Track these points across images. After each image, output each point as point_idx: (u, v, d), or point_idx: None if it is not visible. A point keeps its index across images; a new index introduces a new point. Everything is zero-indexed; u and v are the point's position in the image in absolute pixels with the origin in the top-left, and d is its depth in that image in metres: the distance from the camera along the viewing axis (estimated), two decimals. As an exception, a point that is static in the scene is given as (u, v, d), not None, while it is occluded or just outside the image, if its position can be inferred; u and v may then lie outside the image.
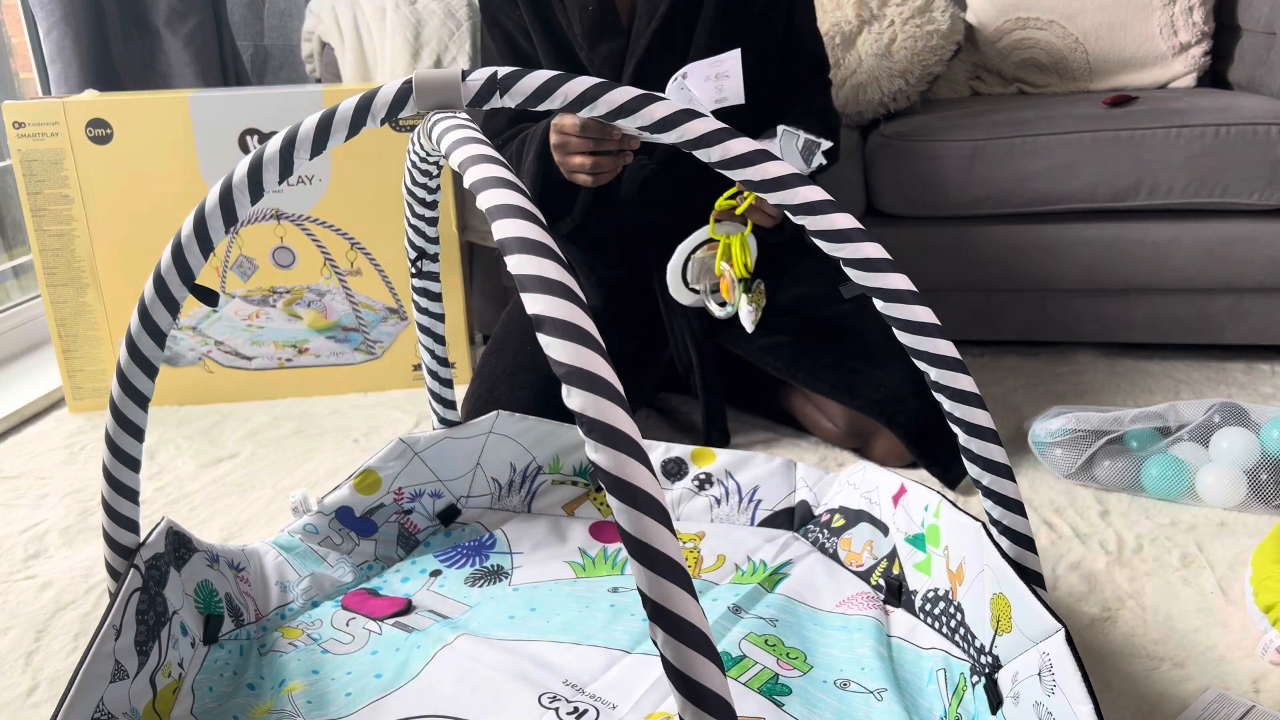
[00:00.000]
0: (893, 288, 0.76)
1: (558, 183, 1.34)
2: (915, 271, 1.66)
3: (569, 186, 1.35)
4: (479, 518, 1.22)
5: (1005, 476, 0.80)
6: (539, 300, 0.52)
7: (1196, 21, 1.97)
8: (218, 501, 1.39)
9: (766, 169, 0.76)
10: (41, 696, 0.99)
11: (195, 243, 0.74)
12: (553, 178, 1.33)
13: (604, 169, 1.26)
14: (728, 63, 1.16)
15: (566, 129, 1.24)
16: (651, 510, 0.48)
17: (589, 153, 1.24)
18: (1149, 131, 1.64)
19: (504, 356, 1.46)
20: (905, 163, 1.74)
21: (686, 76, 1.17)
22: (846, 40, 1.86)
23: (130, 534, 0.84)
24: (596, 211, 1.41)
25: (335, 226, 1.72)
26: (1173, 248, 1.68)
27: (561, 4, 1.39)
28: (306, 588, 1.06)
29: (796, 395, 1.50)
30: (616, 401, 0.50)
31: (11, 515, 1.37)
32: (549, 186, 1.35)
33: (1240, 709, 0.89)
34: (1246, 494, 1.25)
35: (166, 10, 2.01)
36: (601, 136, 1.23)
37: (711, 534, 1.18)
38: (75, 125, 1.62)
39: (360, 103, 0.73)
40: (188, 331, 1.74)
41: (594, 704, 0.87)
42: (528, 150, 1.35)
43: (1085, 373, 1.73)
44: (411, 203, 1.03)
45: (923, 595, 0.98)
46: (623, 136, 1.22)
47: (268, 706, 0.89)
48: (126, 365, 0.77)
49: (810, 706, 0.87)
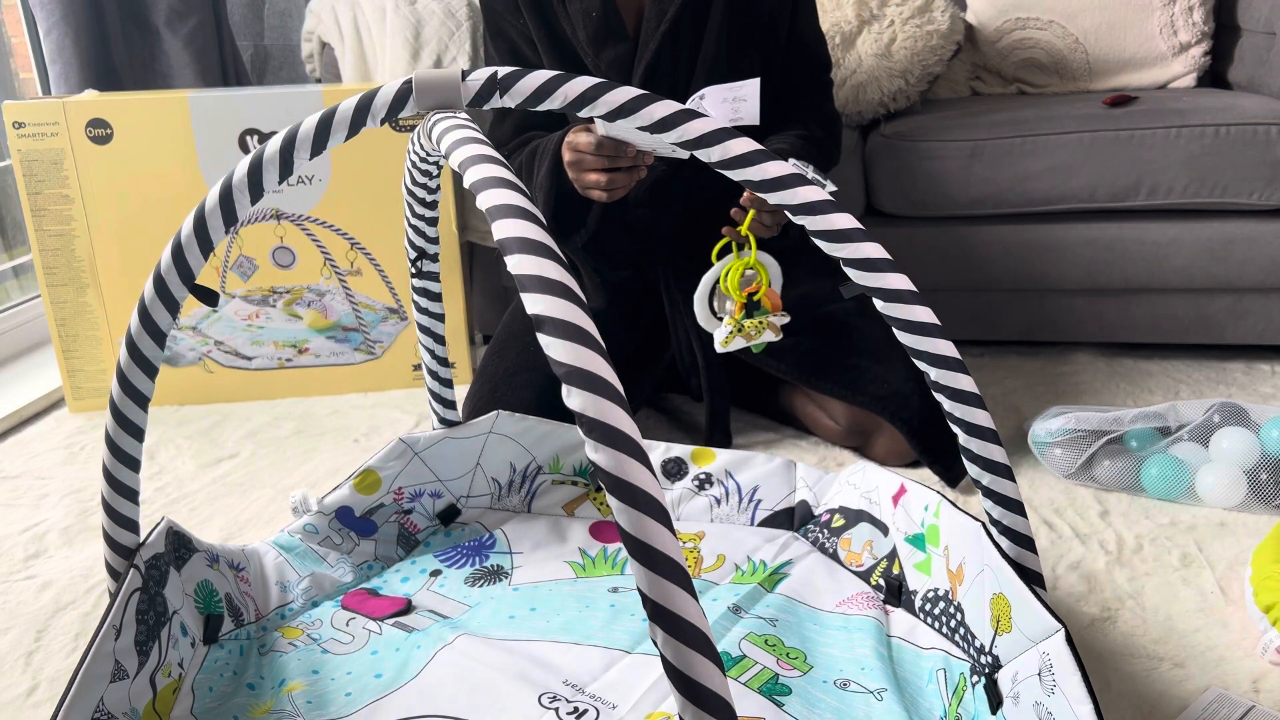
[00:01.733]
0: (893, 288, 0.76)
1: (571, 198, 1.34)
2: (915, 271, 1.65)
3: (582, 201, 1.36)
4: (479, 518, 1.22)
5: (1005, 476, 0.80)
6: (539, 300, 0.52)
7: (1196, 21, 1.97)
8: (218, 501, 1.39)
9: (766, 169, 0.76)
10: (41, 696, 0.99)
11: (195, 243, 0.74)
12: (566, 193, 1.33)
13: (619, 185, 1.26)
14: (747, 88, 1.19)
15: (581, 147, 1.24)
16: (651, 510, 0.48)
17: (604, 170, 1.24)
18: (1149, 131, 1.64)
19: (506, 357, 1.46)
20: (905, 163, 1.74)
21: (704, 98, 1.19)
22: (846, 40, 1.86)
23: (130, 534, 0.84)
24: (605, 216, 1.42)
25: (335, 226, 1.72)
26: (1173, 248, 1.68)
27: (565, 11, 1.39)
28: (306, 588, 1.06)
29: (797, 394, 1.50)
30: (616, 401, 0.50)
31: (11, 515, 1.37)
32: (562, 202, 1.35)
33: (1240, 709, 0.89)
34: (1246, 494, 1.25)
35: (166, 10, 2.01)
36: (616, 154, 1.23)
37: (711, 534, 1.18)
38: (75, 125, 1.62)
39: (360, 103, 0.73)
40: (188, 331, 1.74)
41: (594, 704, 0.87)
42: (539, 166, 1.35)
43: (1085, 373, 1.73)
44: (411, 203, 1.03)
45: (923, 595, 0.98)
46: (637, 153, 1.23)
47: (268, 706, 0.89)
48: (126, 365, 0.77)
49: (810, 706, 0.87)
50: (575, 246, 1.45)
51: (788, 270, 1.33)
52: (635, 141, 1.21)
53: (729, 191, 1.37)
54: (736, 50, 1.40)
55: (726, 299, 1.31)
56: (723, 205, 1.33)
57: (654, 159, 1.27)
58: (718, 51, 1.38)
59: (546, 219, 0.58)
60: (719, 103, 1.19)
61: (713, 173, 1.37)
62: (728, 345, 1.30)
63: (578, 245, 1.45)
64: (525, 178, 1.39)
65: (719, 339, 1.29)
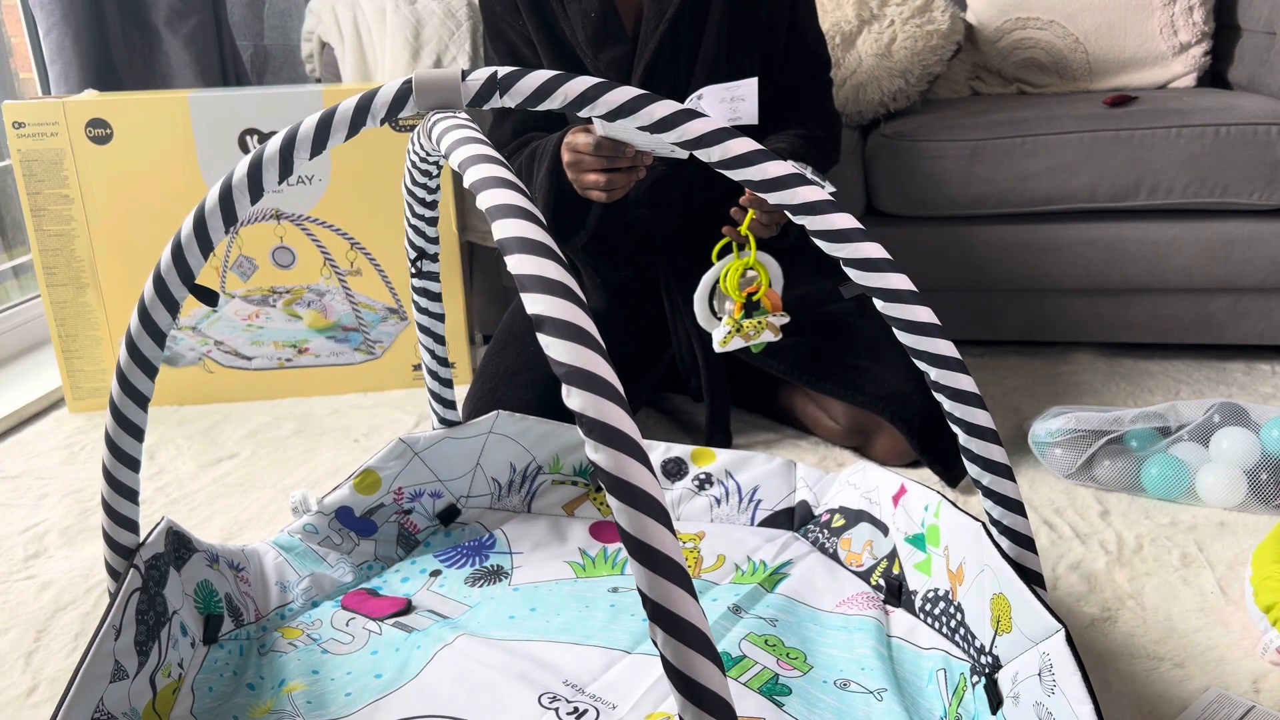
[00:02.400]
0: (893, 288, 0.76)
1: (570, 198, 1.34)
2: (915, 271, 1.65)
3: (581, 202, 1.36)
4: (479, 518, 1.22)
5: (1005, 476, 0.80)
6: (539, 300, 0.52)
7: (1196, 21, 1.97)
8: (218, 501, 1.39)
9: (766, 169, 0.76)
10: (41, 696, 0.99)
11: (195, 243, 0.74)
12: (565, 193, 1.33)
13: (618, 185, 1.26)
14: (744, 88, 1.19)
15: (580, 148, 1.24)
16: (651, 510, 0.48)
17: (603, 170, 1.24)
18: (1149, 131, 1.64)
19: (506, 356, 1.46)
20: (905, 163, 1.74)
21: (702, 98, 1.19)
22: (846, 40, 1.86)
23: (130, 534, 0.84)
24: (605, 216, 1.42)
25: (335, 226, 1.72)
26: (1173, 248, 1.68)
27: (564, 12, 1.39)
28: (306, 588, 1.06)
29: (797, 393, 1.50)
30: (616, 401, 0.50)
31: (11, 515, 1.37)
32: (561, 202, 1.35)
33: (1240, 709, 0.89)
34: (1246, 494, 1.25)
35: (166, 10, 2.01)
36: (615, 155, 1.23)
37: (711, 534, 1.18)
38: (75, 125, 1.62)
39: (360, 103, 0.73)
40: (188, 331, 1.74)
41: (594, 704, 0.87)
42: (538, 167, 1.35)
43: (1085, 373, 1.73)
44: (411, 203, 1.03)
45: (923, 595, 0.98)
46: (636, 153, 1.23)
47: (268, 706, 0.89)
48: (126, 365, 0.77)
49: (810, 707, 0.87)
50: (575, 247, 1.45)
51: (788, 270, 1.33)
52: (634, 142, 1.21)
53: (729, 192, 1.37)
54: (736, 50, 1.40)
55: (726, 299, 1.31)
56: (722, 205, 1.33)
57: (653, 159, 1.27)
58: (717, 51, 1.38)
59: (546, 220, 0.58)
60: (717, 102, 1.19)
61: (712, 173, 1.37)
62: (726, 345, 1.30)
63: (578, 246, 1.45)
64: (525, 179, 1.39)
65: (717, 339, 1.29)
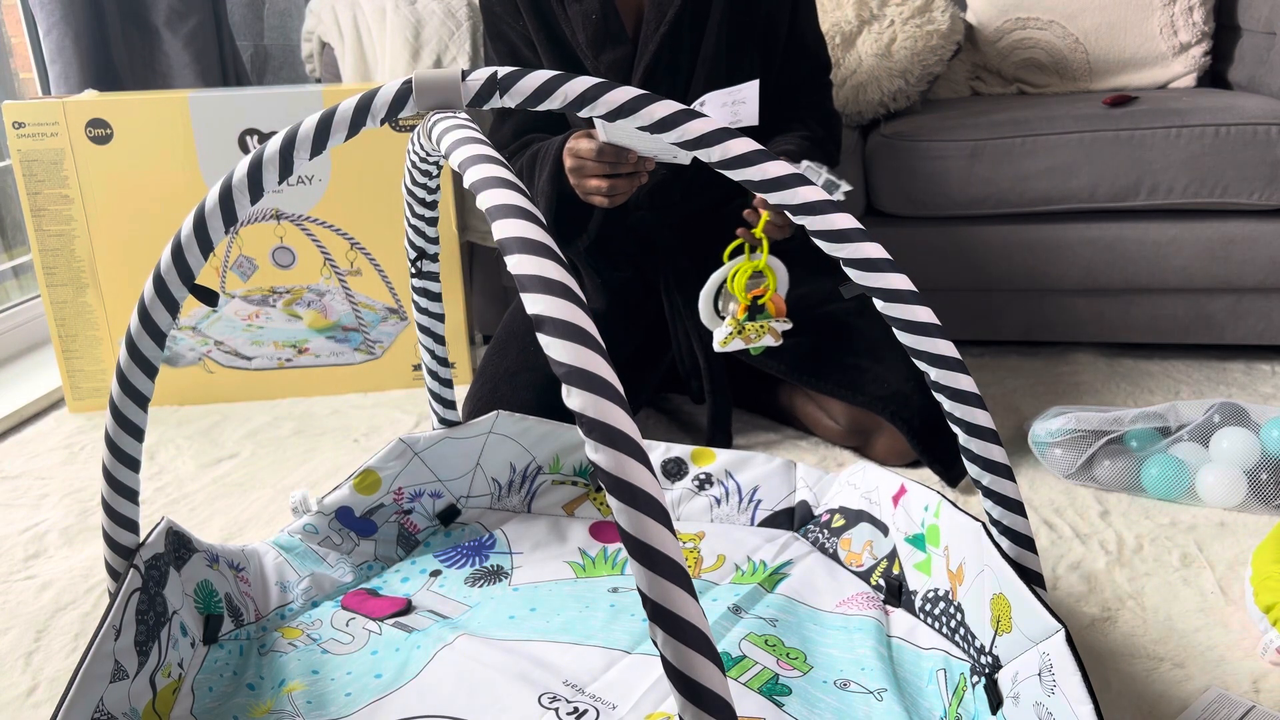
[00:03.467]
0: (893, 288, 0.76)
1: (572, 202, 1.34)
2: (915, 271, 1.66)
3: (583, 206, 1.36)
4: (479, 518, 1.22)
5: (1005, 476, 0.80)
6: (539, 300, 0.52)
7: (1196, 21, 1.97)
8: (218, 501, 1.39)
9: (766, 169, 0.76)
10: (41, 696, 0.99)
11: (195, 243, 0.74)
12: (567, 197, 1.33)
13: (620, 191, 1.26)
14: (745, 91, 1.20)
15: (582, 153, 1.24)
16: (651, 510, 0.48)
17: (605, 176, 1.24)
18: (1149, 131, 1.64)
19: (506, 356, 1.46)
20: (905, 163, 1.74)
21: (704, 104, 1.19)
22: (846, 40, 1.86)
23: (130, 534, 0.84)
24: (606, 218, 1.42)
25: (335, 226, 1.72)
26: (1173, 248, 1.68)
27: (565, 13, 1.39)
28: (306, 588, 1.06)
29: (797, 393, 1.50)
30: (616, 401, 0.50)
31: (11, 515, 1.37)
32: (563, 206, 1.35)
33: (1240, 709, 0.89)
34: (1246, 494, 1.25)
35: (166, 10, 2.01)
36: (618, 160, 1.23)
37: (711, 534, 1.18)
38: (75, 125, 1.62)
39: (360, 103, 0.73)
40: (188, 331, 1.74)
41: (594, 704, 0.87)
42: (540, 171, 1.35)
43: (1085, 373, 1.73)
44: (411, 203, 1.03)
45: (923, 595, 0.98)
46: (638, 159, 1.23)
47: (268, 706, 0.89)
48: (126, 365, 0.77)
49: (810, 707, 0.87)
50: (577, 251, 1.45)
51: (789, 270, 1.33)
52: (636, 147, 1.21)
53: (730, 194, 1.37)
54: (736, 51, 1.40)
55: (731, 299, 1.31)
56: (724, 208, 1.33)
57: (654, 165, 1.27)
58: (717, 52, 1.38)
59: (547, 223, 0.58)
60: (718, 108, 1.19)
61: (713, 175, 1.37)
62: (726, 345, 1.30)
63: (579, 249, 1.45)
64: (526, 182, 1.39)
65: (718, 339, 1.29)
